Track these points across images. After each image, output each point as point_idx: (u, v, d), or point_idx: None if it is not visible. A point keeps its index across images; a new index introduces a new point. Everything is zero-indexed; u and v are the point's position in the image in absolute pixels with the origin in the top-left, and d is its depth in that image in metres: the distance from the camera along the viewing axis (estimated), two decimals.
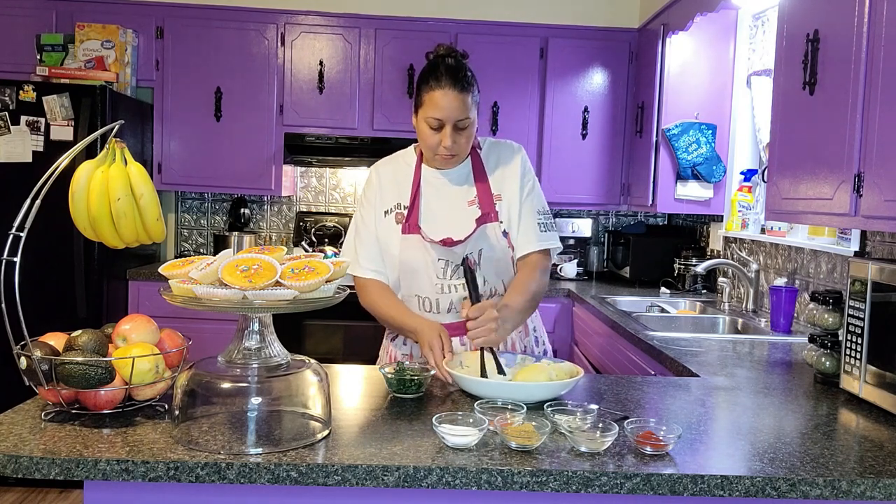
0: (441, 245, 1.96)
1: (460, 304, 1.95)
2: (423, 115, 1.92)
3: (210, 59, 4.04)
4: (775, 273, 3.19)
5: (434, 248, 1.97)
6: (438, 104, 1.88)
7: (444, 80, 1.88)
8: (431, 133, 1.92)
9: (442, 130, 1.91)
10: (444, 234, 1.97)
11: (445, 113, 1.89)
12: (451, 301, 2.00)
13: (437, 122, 1.90)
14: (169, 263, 1.45)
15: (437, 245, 1.96)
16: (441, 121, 1.90)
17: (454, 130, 1.91)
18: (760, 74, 3.53)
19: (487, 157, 2.06)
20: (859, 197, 1.92)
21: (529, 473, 1.27)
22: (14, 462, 1.26)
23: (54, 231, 3.17)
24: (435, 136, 1.92)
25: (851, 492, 1.30)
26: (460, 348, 1.97)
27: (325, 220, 4.41)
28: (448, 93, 1.87)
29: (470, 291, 1.81)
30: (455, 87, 1.88)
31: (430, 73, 1.91)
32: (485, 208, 2.00)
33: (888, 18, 1.83)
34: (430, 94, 1.90)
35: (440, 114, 1.89)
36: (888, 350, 1.73)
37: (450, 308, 2.00)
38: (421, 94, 1.93)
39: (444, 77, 1.88)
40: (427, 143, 1.95)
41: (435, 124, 1.91)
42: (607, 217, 4.66)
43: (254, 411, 1.40)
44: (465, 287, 1.88)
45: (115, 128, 1.60)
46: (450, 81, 1.88)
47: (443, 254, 1.97)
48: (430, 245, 1.97)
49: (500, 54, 4.11)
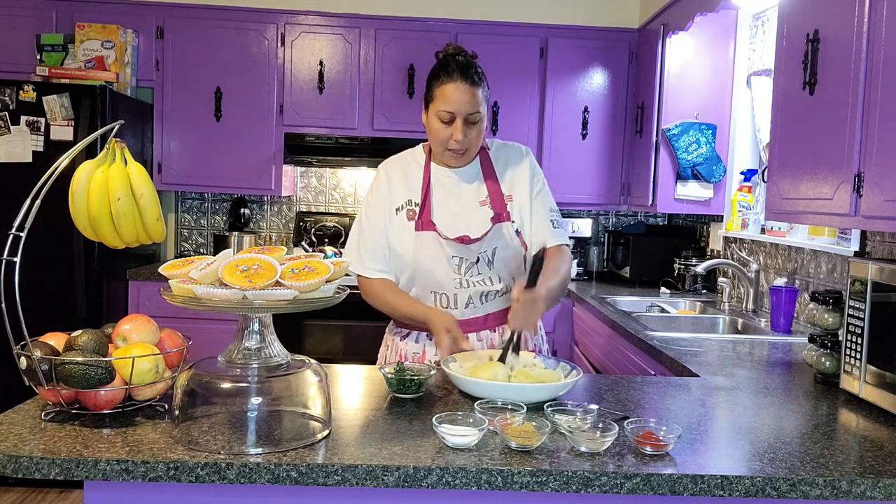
0: (457, 242, 1.97)
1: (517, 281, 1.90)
2: (435, 109, 1.94)
3: (210, 59, 4.04)
4: (775, 273, 3.19)
5: (449, 245, 1.98)
6: (450, 97, 1.91)
7: (455, 74, 1.92)
8: (442, 127, 1.94)
9: (453, 124, 1.93)
10: (459, 231, 1.98)
11: (457, 106, 1.91)
12: (468, 296, 2.00)
13: (449, 115, 1.92)
14: (169, 263, 1.45)
15: (452, 242, 1.97)
16: (452, 114, 1.92)
17: (465, 124, 1.93)
18: (760, 74, 3.53)
19: (496, 159, 2.08)
20: (859, 197, 1.92)
21: (529, 473, 1.27)
22: (14, 462, 1.26)
23: (54, 231, 3.17)
24: (446, 129, 1.94)
25: (851, 492, 1.30)
26: (477, 344, 2.00)
27: (325, 220, 4.41)
28: (459, 86, 1.91)
29: (530, 276, 1.82)
30: (466, 80, 1.91)
31: (441, 68, 1.95)
32: (496, 208, 2.01)
33: (888, 18, 1.83)
34: (441, 87, 1.93)
35: (451, 106, 1.91)
36: (888, 350, 1.73)
37: (467, 303, 2.01)
38: (432, 89, 1.95)
39: (455, 72, 1.92)
40: (438, 138, 1.96)
41: (446, 117, 1.93)
42: (607, 217, 4.66)
43: (254, 411, 1.40)
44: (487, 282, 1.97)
45: (115, 128, 1.60)
46: (461, 75, 1.91)
47: (457, 251, 1.98)
48: (444, 242, 1.98)
49: (500, 54, 4.11)
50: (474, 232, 1.98)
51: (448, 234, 1.98)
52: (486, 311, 2.03)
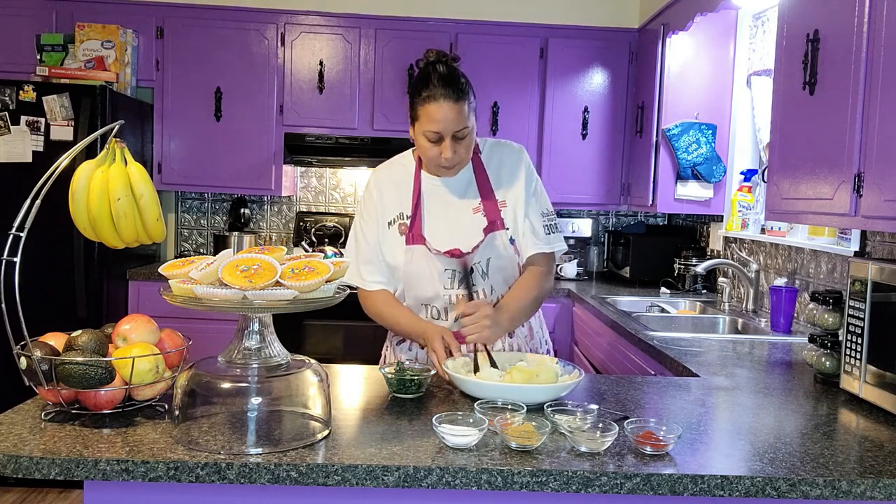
0: (448, 256, 1.94)
1: (455, 299, 1.93)
2: (420, 129, 1.87)
3: (210, 59, 4.04)
4: (775, 273, 3.19)
5: (440, 259, 1.94)
6: (434, 117, 1.82)
7: (437, 91, 1.81)
8: (430, 146, 1.88)
9: (441, 143, 1.86)
10: (451, 244, 1.94)
11: (442, 126, 1.83)
12: None
13: (436, 136, 1.85)
14: (169, 263, 1.45)
15: (442, 255, 1.94)
16: (439, 133, 1.85)
17: (453, 141, 1.86)
18: (760, 74, 3.53)
19: (489, 161, 2.02)
20: (859, 197, 1.92)
21: (529, 473, 1.27)
22: (14, 462, 1.26)
23: (54, 231, 3.16)
24: (434, 148, 1.88)
25: (851, 492, 1.30)
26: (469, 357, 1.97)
27: (325, 220, 4.41)
28: (443, 105, 1.81)
29: (466, 289, 1.81)
30: (450, 97, 1.81)
31: (423, 84, 1.85)
32: (490, 216, 1.97)
33: (888, 18, 1.83)
34: (424, 107, 1.84)
35: (437, 127, 1.83)
36: (888, 350, 1.73)
37: (457, 316, 1.98)
38: (415, 107, 1.86)
39: (437, 87, 1.82)
40: (427, 156, 1.91)
41: (433, 137, 1.86)
42: (607, 217, 4.66)
43: (254, 411, 1.40)
44: (479, 294, 1.91)
45: (115, 128, 1.60)
46: (444, 92, 1.81)
47: (449, 264, 1.95)
48: (435, 256, 1.94)
49: (500, 54, 4.11)
50: (466, 245, 1.94)
51: (439, 247, 1.94)
52: None
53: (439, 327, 1.90)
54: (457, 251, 1.94)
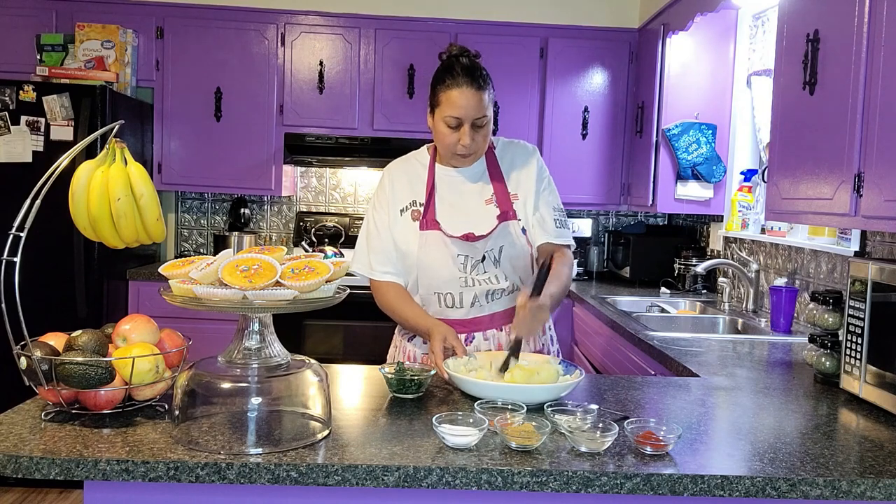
0: (462, 240, 1.97)
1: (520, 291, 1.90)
2: (441, 114, 1.92)
3: (210, 59, 4.04)
4: (775, 273, 3.19)
5: (454, 244, 1.97)
6: (456, 103, 1.88)
7: (460, 79, 1.88)
8: (449, 132, 1.93)
9: (460, 129, 1.92)
10: (465, 229, 1.98)
11: (463, 111, 1.89)
12: (474, 295, 1.99)
13: (456, 121, 1.91)
14: (169, 263, 1.45)
15: (457, 240, 1.97)
16: (459, 119, 1.90)
17: (472, 128, 1.92)
18: (760, 74, 3.52)
19: (502, 157, 2.07)
20: (859, 197, 1.92)
21: (529, 473, 1.27)
22: (14, 462, 1.26)
23: (54, 231, 3.16)
24: (453, 134, 1.93)
25: (851, 492, 1.30)
26: (483, 344, 2.00)
27: (325, 220, 4.41)
28: (465, 91, 1.88)
29: (536, 285, 1.79)
30: (472, 85, 1.88)
31: (446, 72, 1.92)
32: (502, 206, 2.01)
33: (888, 18, 1.83)
34: (447, 93, 1.90)
35: (458, 112, 1.89)
36: (888, 350, 1.73)
37: (473, 302, 2.00)
38: (437, 93, 1.93)
39: (460, 76, 1.89)
40: (445, 143, 1.95)
41: (453, 123, 1.91)
42: (607, 217, 4.66)
43: (254, 411, 1.40)
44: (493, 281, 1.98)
45: (115, 128, 1.60)
46: (466, 80, 1.88)
47: (463, 249, 1.98)
48: (449, 241, 1.97)
49: (500, 54, 4.11)
50: (480, 230, 1.98)
51: (453, 232, 1.97)
52: (491, 311, 2.02)
53: (444, 326, 1.90)
54: (471, 235, 1.97)
